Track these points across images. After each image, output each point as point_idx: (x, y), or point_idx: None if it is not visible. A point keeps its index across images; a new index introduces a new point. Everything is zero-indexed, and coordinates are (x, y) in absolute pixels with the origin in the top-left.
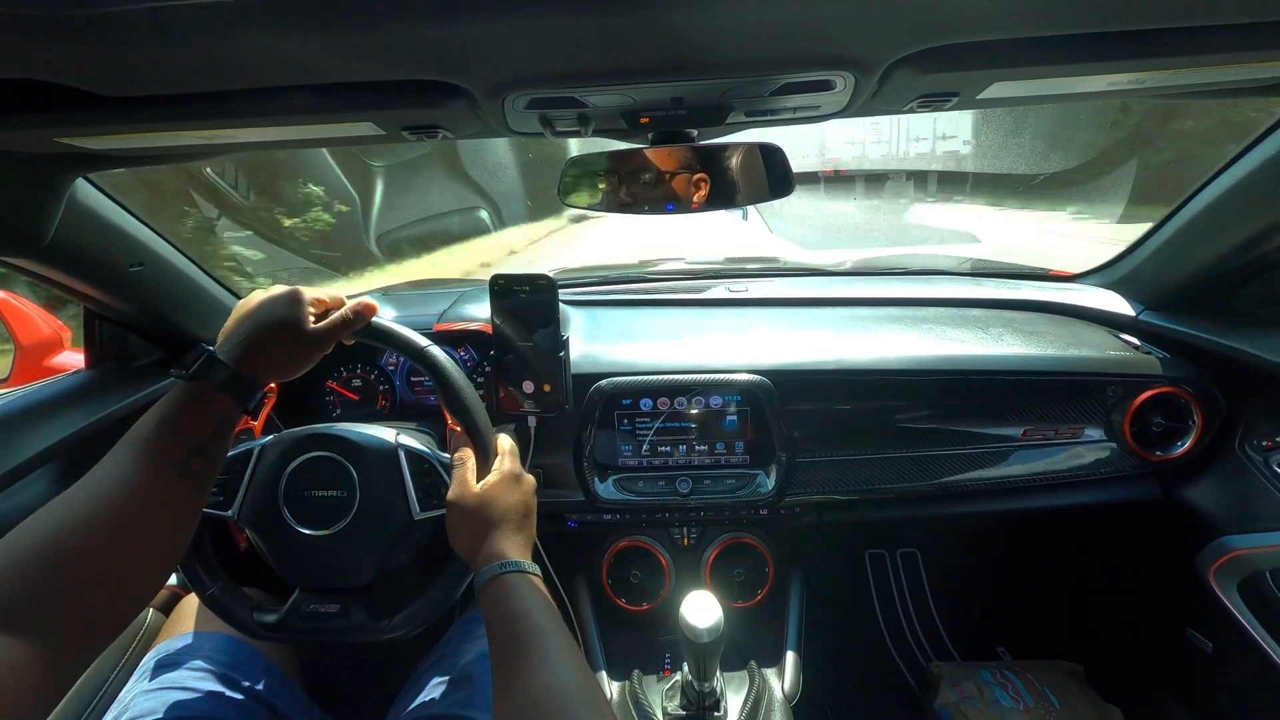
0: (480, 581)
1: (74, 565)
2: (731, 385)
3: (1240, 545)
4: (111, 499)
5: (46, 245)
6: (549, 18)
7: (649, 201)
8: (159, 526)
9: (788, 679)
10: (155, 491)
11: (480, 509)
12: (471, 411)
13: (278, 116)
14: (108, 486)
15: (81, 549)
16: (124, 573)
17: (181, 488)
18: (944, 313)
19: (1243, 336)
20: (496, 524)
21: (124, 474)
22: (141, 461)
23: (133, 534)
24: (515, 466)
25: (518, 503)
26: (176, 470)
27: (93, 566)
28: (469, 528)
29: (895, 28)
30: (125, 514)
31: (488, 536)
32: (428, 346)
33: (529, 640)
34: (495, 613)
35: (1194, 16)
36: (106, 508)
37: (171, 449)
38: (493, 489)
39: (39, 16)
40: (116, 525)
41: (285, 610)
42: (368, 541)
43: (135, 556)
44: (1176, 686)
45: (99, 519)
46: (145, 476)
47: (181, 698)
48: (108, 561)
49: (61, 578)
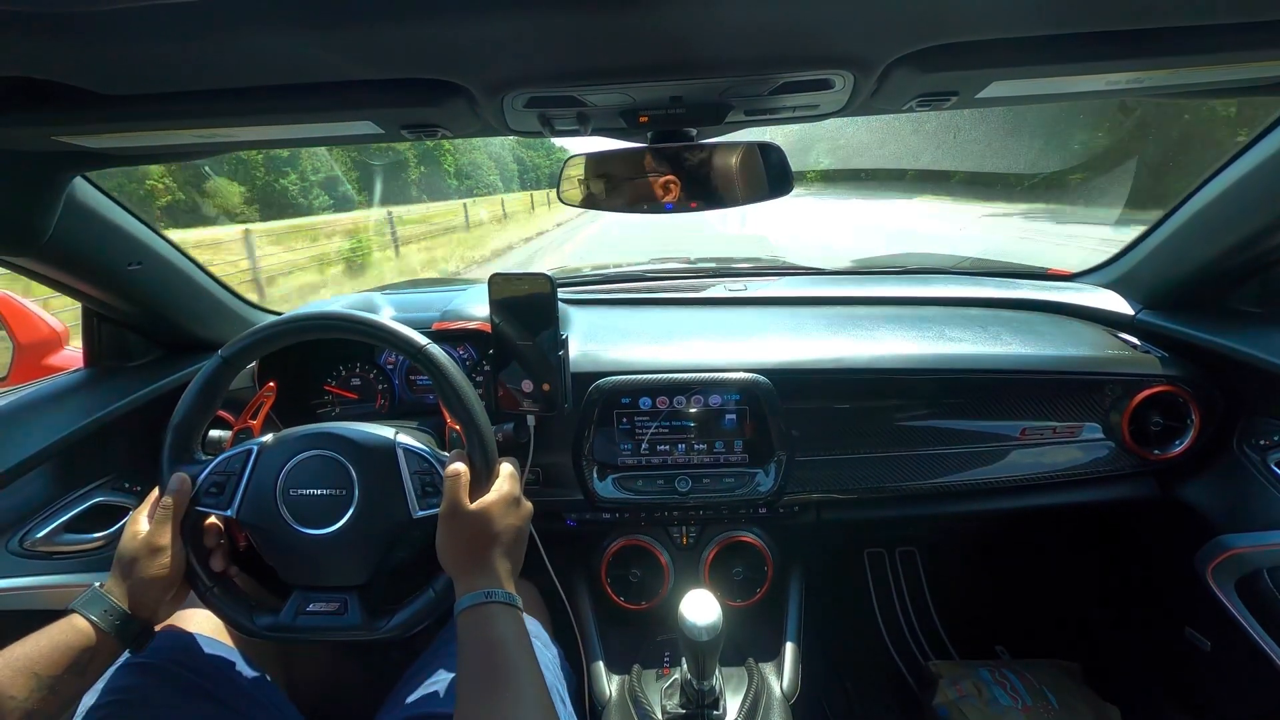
0: (463, 606)
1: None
2: (730, 384)
3: (1238, 544)
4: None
5: (45, 243)
6: (548, 17)
7: (647, 200)
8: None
9: (786, 677)
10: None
11: (474, 528)
12: (471, 411)
13: (276, 115)
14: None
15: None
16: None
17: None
18: (943, 312)
19: (1241, 336)
20: (488, 547)
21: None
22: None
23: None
24: (515, 489)
25: (511, 527)
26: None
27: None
28: (460, 546)
29: (894, 27)
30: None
31: (477, 559)
32: (426, 345)
33: (504, 675)
34: (473, 639)
35: (1192, 16)
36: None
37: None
38: (490, 508)
39: (37, 15)
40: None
41: (283, 610)
42: (366, 541)
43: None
44: (1174, 685)
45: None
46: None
47: (143, 711)
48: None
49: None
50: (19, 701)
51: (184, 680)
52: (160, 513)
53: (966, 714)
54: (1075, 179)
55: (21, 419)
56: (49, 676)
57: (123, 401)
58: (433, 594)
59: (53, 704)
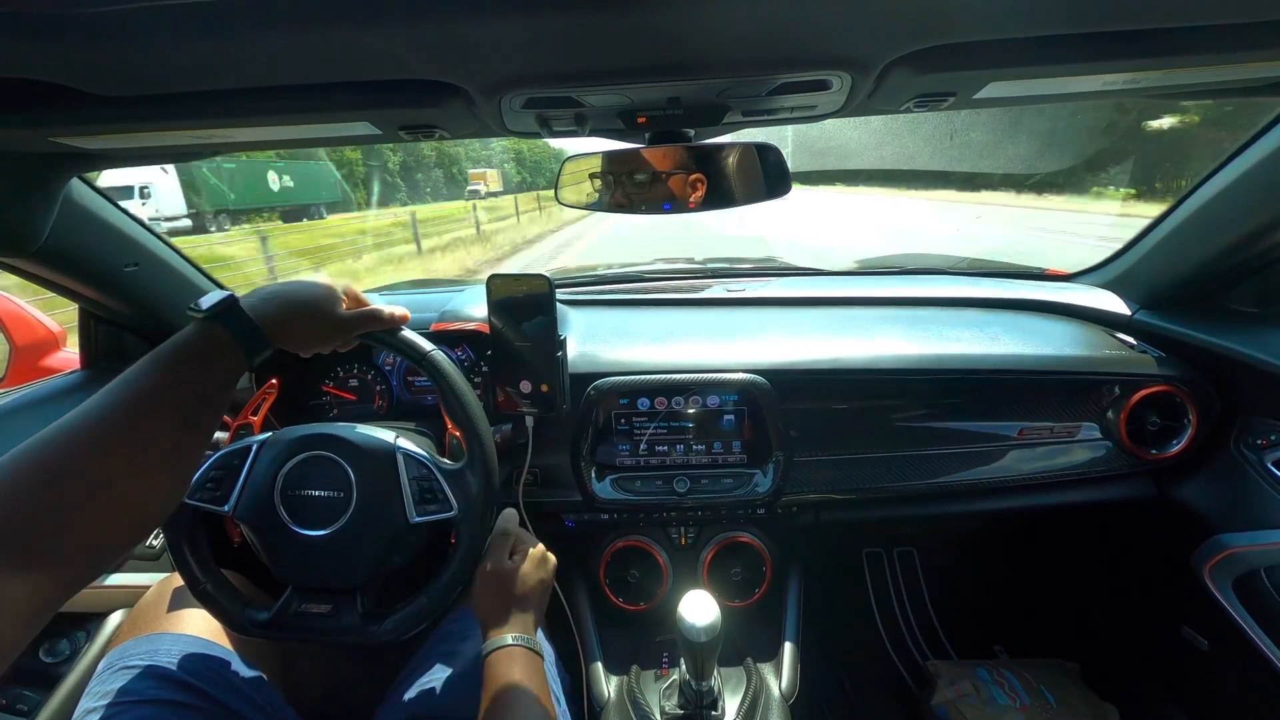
0: (494, 646)
1: (72, 500)
2: (729, 385)
3: (1235, 543)
4: (113, 445)
5: (42, 245)
6: (546, 17)
7: (646, 201)
8: (161, 474)
9: (785, 677)
10: (159, 441)
11: (511, 584)
12: (473, 418)
13: (274, 116)
14: (109, 430)
15: (80, 487)
16: (122, 512)
17: (186, 439)
18: (941, 312)
19: (1238, 335)
20: (521, 598)
21: (126, 419)
22: (147, 408)
23: (133, 478)
24: (541, 547)
25: (540, 581)
26: (182, 421)
27: (91, 503)
28: (496, 598)
29: (892, 28)
30: (127, 461)
31: (510, 608)
32: (431, 350)
33: (520, 710)
34: (499, 675)
35: (1190, 16)
36: (108, 452)
37: (179, 398)
38: (525, 565)
39: (35, 16)
40: (116, 471)
41: (276, 608)
42: (362, 543)
43: (135, 499)
44: (1172, 684)
45: (99, 460)
46: (150, 426)
47: (138, 713)
48: (107, 500)
49: (57, 511)
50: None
51: (181, 681)
52: (367, 313)
53: (965, 713)
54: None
55: (17, 420)
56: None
57: None
58: (426, 600)
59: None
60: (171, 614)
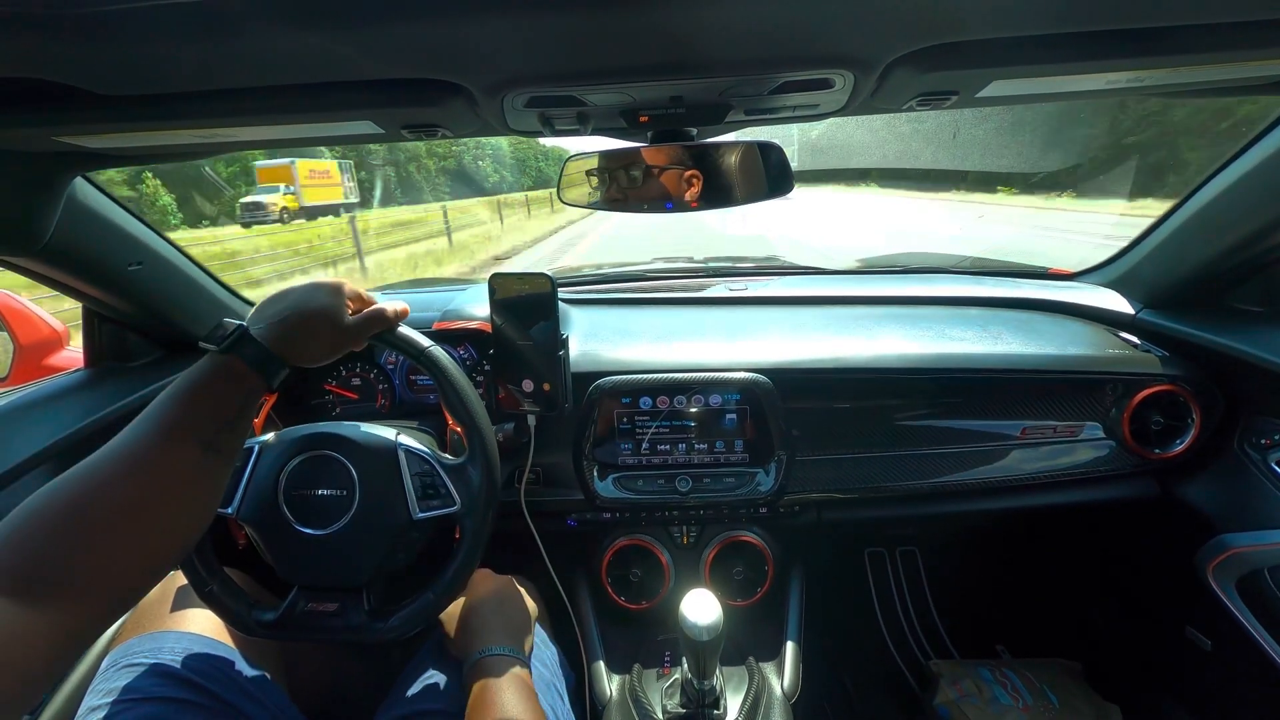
0: (478, 656)
1: (97, 531)
2: (731, 384)
3: (1239, 543)
4: (137, 473)
5: (46, 244)
6: (548, 16)
7: (648, 200)
8: (184, 500)
9: (787, 677)
10: (181, 467)
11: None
12: (473, 414)
13: (277, 115)
14: (132, 461)
15: (105, 517)
16: (147, 542)
17: (208, 464)
18: (943, 311)
19: (1241, 335)
20: (502, 615)
21: (149, 449)
22: (167, 437)
23: (157, 506)
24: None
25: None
26: (203, 447)
27: (116, 534)
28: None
29: (894, 26)
30: (150, 488)
31: (495, 625)
32: (429, 347)
33: (505, 713)
34: (484, 680)
35: (1192, 15)
36: (131, 481)
37: (199, 425)
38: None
39: (38, 15)
40: (140, 499)
41: (283, 608)
42: (366, 541)
43: (159, 528)
44: (1175, 684)
45: (123, 489)
46: (171, 453)
47: (141, 710)
48: (131, 531)
49: (83, 543)
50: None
51: (185, 679)
52: (373, 314)
53: (967, 713)
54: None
55: (21, 419)
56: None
57: (123, 402)
58: (432, 596)
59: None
60: (175, 612)
